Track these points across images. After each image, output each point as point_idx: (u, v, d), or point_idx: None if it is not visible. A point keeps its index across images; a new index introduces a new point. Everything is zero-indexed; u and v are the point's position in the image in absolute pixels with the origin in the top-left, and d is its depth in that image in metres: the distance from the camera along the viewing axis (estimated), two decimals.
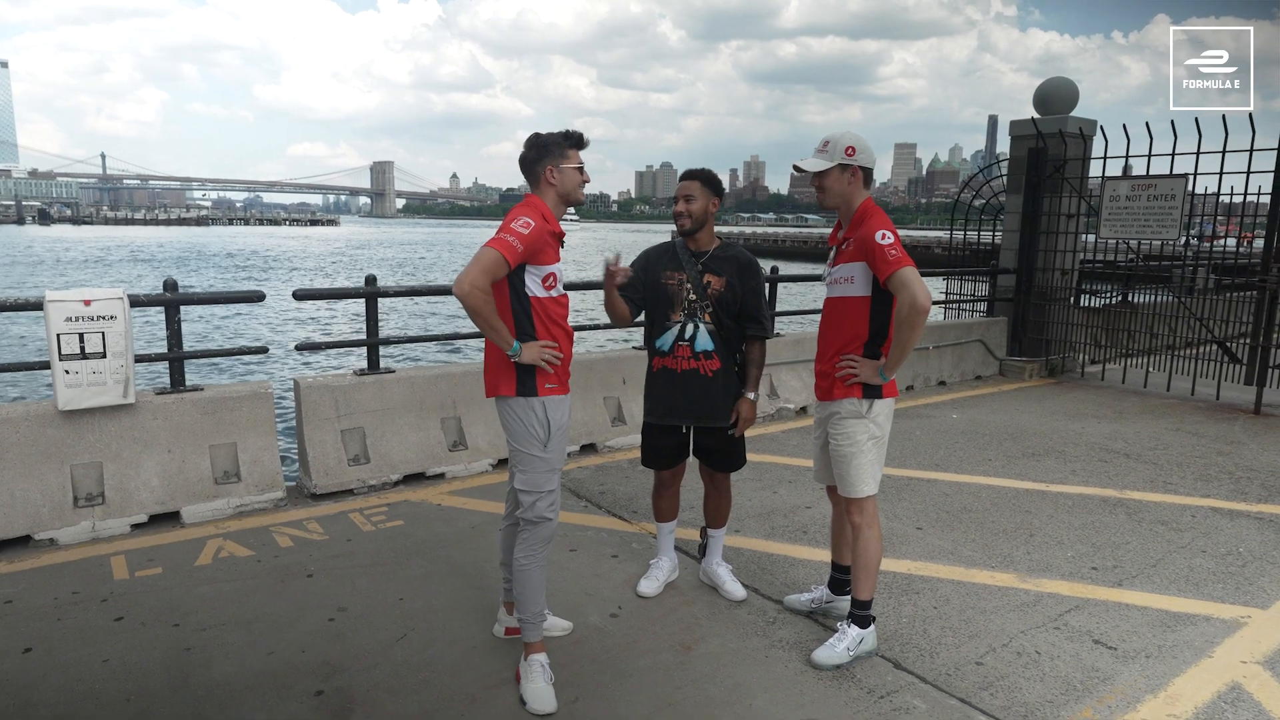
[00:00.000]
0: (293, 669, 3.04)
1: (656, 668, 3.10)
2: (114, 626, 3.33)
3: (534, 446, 2.94)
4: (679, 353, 3.45)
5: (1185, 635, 3.42)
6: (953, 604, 3.66)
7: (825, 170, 3.01)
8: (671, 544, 3.82)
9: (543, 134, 2.96)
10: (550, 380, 2.93)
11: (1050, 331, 9.30)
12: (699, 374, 3.45)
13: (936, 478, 5.48)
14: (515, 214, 2.83)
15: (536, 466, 2.95)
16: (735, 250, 3.55)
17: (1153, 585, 3.90)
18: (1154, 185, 8.28)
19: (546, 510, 2.98)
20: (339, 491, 4.93)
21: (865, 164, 3.02)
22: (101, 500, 4.29)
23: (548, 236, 2.86)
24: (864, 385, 3.04)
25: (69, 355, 4.14)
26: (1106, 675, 3.10)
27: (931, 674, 3.08)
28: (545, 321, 2.91)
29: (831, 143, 3.01)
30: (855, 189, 3.03)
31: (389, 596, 3.63)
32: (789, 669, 3.10)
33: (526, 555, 2.98)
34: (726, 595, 3.66)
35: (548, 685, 2.88)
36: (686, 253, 3.50)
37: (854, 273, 3.00)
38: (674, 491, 3.74)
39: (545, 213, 2.89)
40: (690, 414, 3.50)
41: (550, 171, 2.92)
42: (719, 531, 3.78)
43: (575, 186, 2.98)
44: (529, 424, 2.92)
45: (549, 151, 2.92)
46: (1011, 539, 4.43)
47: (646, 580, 3.73)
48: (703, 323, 3.44)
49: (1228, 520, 4.78)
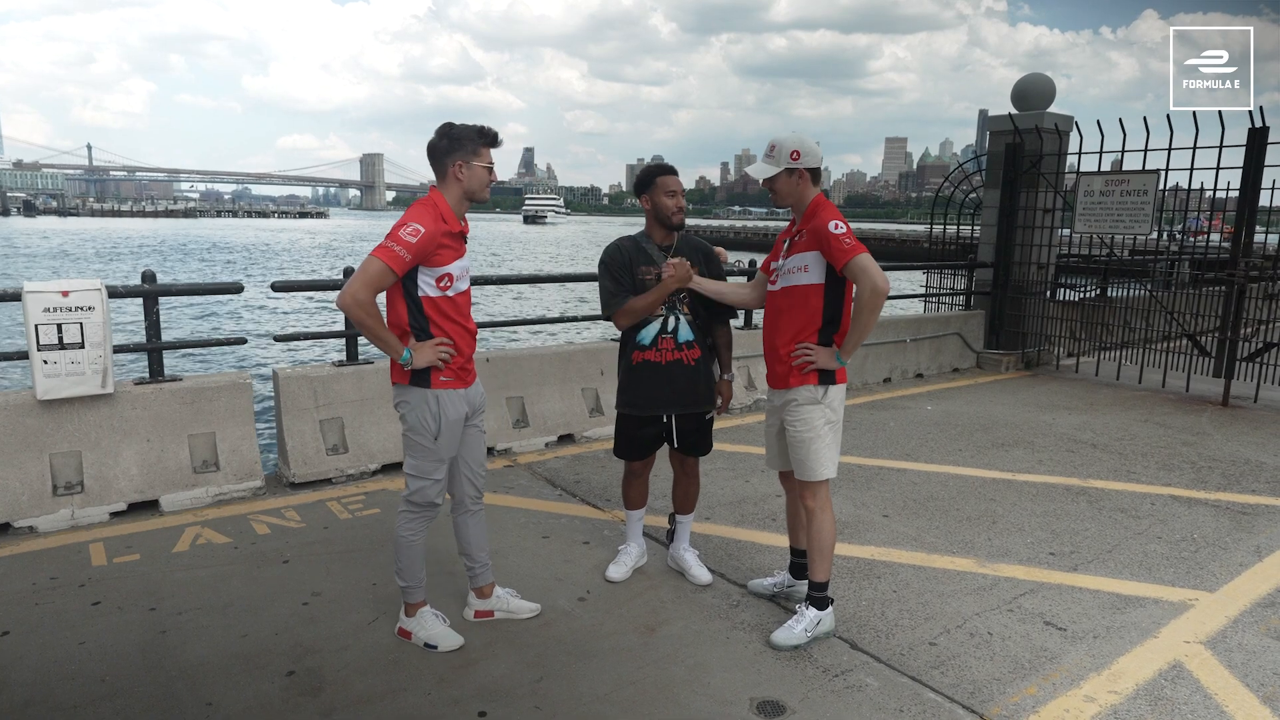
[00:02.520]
0: (265, 651, 3.12)
1: (620, 649, 3.19)
2: (91, 610, 3.41)
3: (424, 437, 3.01)
4: (663, 345, 3.54)
5: (1133, 617, 3.54)
6: (912, 588, 3.77)
7: (774, 175, 3.14)
8: (640, 530, 3.92)
9: (456, 125, 2.94)
10: (445, 374, 2.98)
11: (1027, 325, 9.43)
12: (683, 364, 3.56)
13: (906, 467, 5.59)
14: (406, 218, 2.83)
15: (425, 455, 3.03)
16: (695, 240, 3.69)
17: (1106, 570, 4.02)
18: (1127, 180, 8.41)
19: (435, 496, 3.09)
20: (317, 480, 5.00)
21: (811, 165, 3.14)
22: (81, 489, 4.35)
23: (441, 239, 2.86)
24: (820, 372, 3.15)
25: (47, 345, 4.19)
26: (1054, 655, 3.21)
27: (886, 654, 3.19)
28: (441, 319, 2.95)
29: (778, 148, 3.12)
30: (805, 188, 3.15)
31: (363, 582, 3.71)
32: (748, 649, 3.21)
33: (413, 532, 3.11)
34: (692, 580, 3.76)
35: (446, 626, 3.15)
36: (654, 247, 3.60)
37: (808, 261, 3.10)
38: (644, 480, 3.85)
39: (443, 212, 2.90)
40: (677, 403, 3.60)
41: (459, 167, 2.91)
42: (687, 518, 3.88)
43: (482, 185, 2.96)
44: (421, 415, 2.99)
45: (460, 146, 2.90)
46: (974, 526, 4.55)
47: (615, 565, 3.83)
48: (682, 314, 3.55)
49: (1185, 508, 4.91)
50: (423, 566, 3.18)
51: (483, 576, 3.40)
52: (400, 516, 3.14)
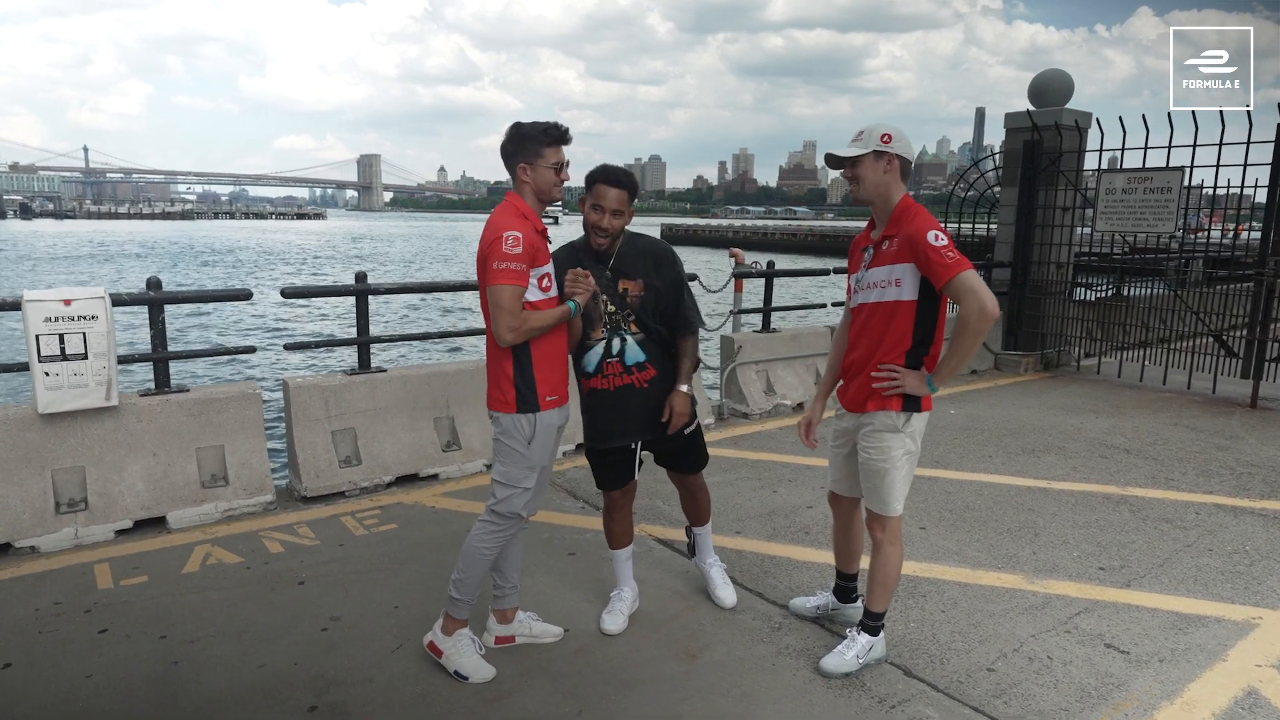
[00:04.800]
0: (285, 683, 2.94)
1: (661, 677, 3.01)
2: (98, 639, 3.22)
3: (518, 441, 2.89)
4: (608, 370, 3.11)
5: (1197, 638, 3.36)
6: (960, 607, 3.59)
7: (859, 157, 2.81)
8: (629, 572, 3.49)
9: (525, 125, 2.80)
10: (551, 392, 2.88)
11: (1046, 325, 9.26)
12: (634, 389, 3.12)
13: (938, 475, 5.41)
14: (497, 229, 2.71)
15: (517, 461, 2.90)
16: (643, 241, 3.16)
17: (1161, 586, 3.84)
18: (1150, 178, 8.22)
19: (522, 508, 2.94)
20: (330, 494, 4.81)
21: (902, 153, 2.82)
22: (84, 506, 4.16)
23: (536, 239, 2.77)
24: (904, 397, 2.86)
25: (49, 357, 4.00)
26: (1120, 681, 3.03)
27: (943, 681, 3.00)
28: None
29: (866, 131, 2.83)
30: (892, 180, 2.83)
31: (383, 604, 3.53)
32: (797, 677, 3.02)
33: (490, 546, 2.94)
34: (717, 602, 3.51)
35: (479, 655, 2.96)
36: (592, 259, 3.08)
37: (901, 275, 2.78)
38: (626, 514, 3.40)
39: (524, 210, 2.80)
40: (634, 432, 3.19)
41: (524, 169, 2.80)
42: (703, 529, 3.59)
43: (550, 186, 2.84)
44: (515, 417, 2.87)
45: (523, 147, 2.79)
46: (1016, 539, 4.37)
47: (609, 615, 3.37)
48: (629, 334, 3.10)
49: (1232, 518, 4.73)
50: (479, 586, 2.99)
51: (509, 599, 3.19)
52: (479, 526, 2.96)
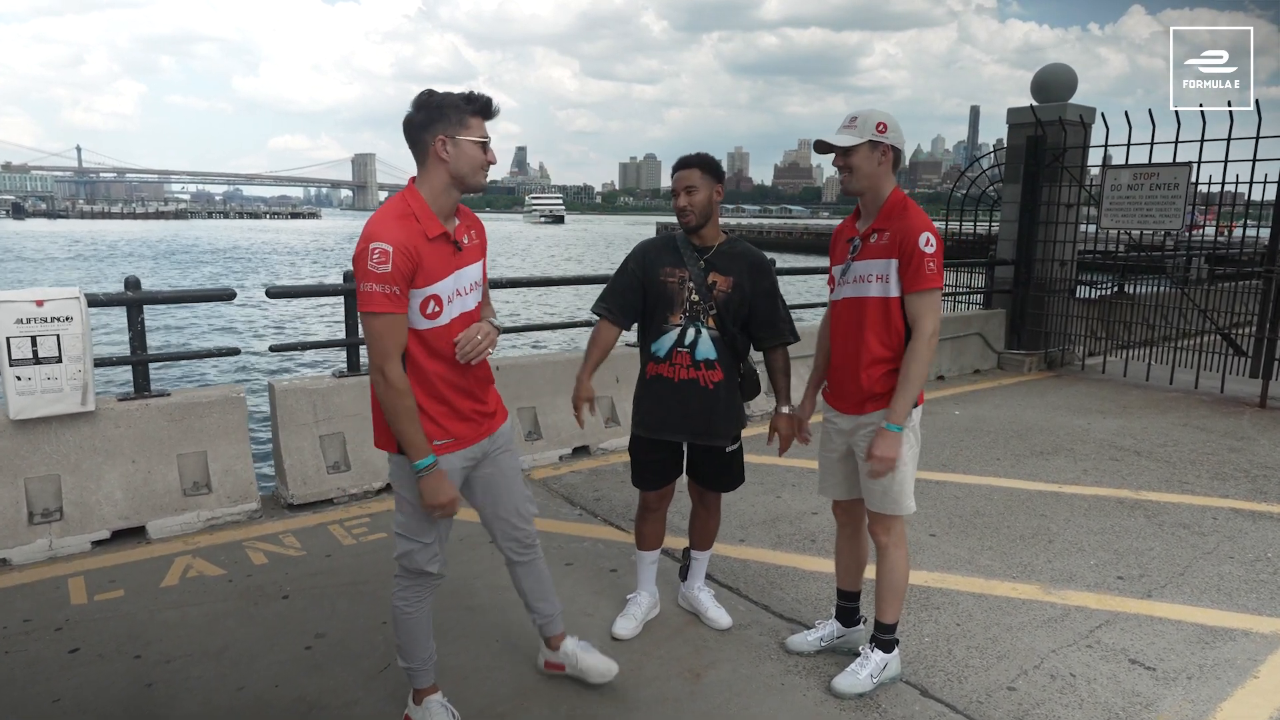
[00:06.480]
0: (265, 706, 2.77)
1: (666, 698, 2.85)
2: (68, 660, 3.04)
3: (409, 490, 2.41)
4: (677, 360, 3.05)
5: (1225, 653, 3.20)
6: (976, 620, 3.43)
7: (854, 147, 2.66)
8: (652, 576, 3.39)
9: (437, 92, 2.28)
10: (440, 435, 2.39)
11: (1049, 324, 9.11)
12: (699, 385, 3.04)
13: (945, 479, 5.26)
14: (364, 237, 2.18)
15: (410, 512, 2.44)
16: (744, 246, 3.16)
17: (1183, 596, 3.69)
18: (1156, 174, 8.08)
19: (427, 564, 2.49)
20: (318, 501, 4.63)
21: (896, 144, 2.68)
22: (59, 516, 3.97)
23: (424, 247, 2.23)
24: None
25: (20, 360, 3.82)
26: (1149, 700, 2.87)
27: (962, 702, 2.84)
28: (426, 358, 2.32)
29: (860, 118, 2.67)
30: (885, 171, 2.70)
31: (371, 620, 3.35)
32: (808, 699, 2.86)
33: (408, 603, 2.53)
34: (709, 623, 3.34)
35: None
36: (689, 248, 3.09)
37: (890, 270, 2.66)
38: (660, 516, 3.32)
39: (415, 211, 2.25)
40: (686, 430, 3.10)
41: (442, 144, 2.24)
42: (703, 555, 3.44)
43: (475, 167, 2.29)
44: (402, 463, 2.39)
45: (443, 115, 2.24)
46: (1030, 546, 4.21)
47: (623, 619, 3.29)
48: (705, 327, 3.03)
49: (1250, 523, 4.58)
50: (428, 644, 2.60)
51: (549, 627, 2.88)
52: (394, 582, 2.56)
